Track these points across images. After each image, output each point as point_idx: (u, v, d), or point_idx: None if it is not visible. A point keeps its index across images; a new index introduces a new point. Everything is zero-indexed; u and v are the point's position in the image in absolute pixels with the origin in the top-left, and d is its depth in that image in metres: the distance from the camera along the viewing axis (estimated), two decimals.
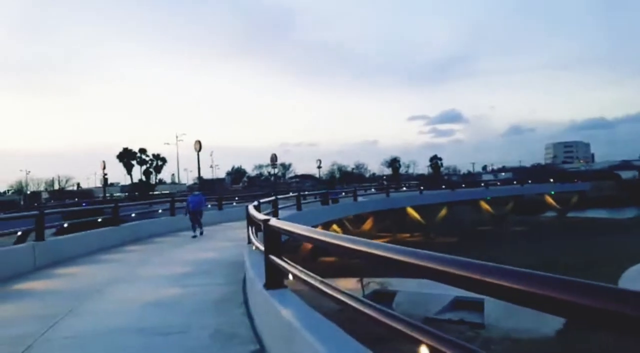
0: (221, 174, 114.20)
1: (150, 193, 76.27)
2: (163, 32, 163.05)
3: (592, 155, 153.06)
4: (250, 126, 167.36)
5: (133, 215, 18.02)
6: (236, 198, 27.05)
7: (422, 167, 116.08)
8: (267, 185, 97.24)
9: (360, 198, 30.48)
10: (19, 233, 12.22)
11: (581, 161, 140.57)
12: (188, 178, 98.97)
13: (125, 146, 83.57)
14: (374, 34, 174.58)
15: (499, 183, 50.78)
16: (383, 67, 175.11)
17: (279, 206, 16.86)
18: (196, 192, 18.05)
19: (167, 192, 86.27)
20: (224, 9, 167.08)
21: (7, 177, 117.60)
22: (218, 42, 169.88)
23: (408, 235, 36.65)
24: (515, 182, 53.77)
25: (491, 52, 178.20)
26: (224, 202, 25.67)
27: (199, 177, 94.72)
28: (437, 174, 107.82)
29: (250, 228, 8.89)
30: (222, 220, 22.38)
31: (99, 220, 14.99)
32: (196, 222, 16.45)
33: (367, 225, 32.75)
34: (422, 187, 40.36)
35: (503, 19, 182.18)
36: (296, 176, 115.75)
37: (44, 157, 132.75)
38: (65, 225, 13.12)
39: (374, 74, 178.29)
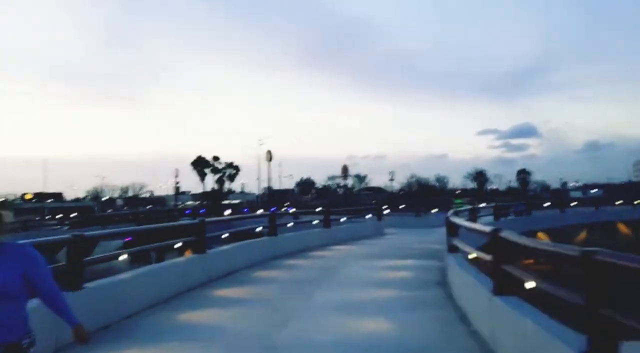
0: (290, 184, 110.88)
1: (222, 202, 73.54)
2: (236, 43, 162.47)
3: None
4: (319, 137, 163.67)
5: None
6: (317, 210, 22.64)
7: (505, 181, 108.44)
8: (338, 197, 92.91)
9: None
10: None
11: None
12: (259, 188, 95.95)
13: (198, 154, 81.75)
14: (445, 45, 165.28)
15: None
16: (453, 80, 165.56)
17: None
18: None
19: (238, 201, 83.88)
20: (293, 21, 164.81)
21: (85, 184, 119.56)
22: (289, 54, 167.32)
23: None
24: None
25: (568, 64, 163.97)
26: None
27: (269, 187, 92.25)
28: (525, 189, 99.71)
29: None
30: (330, 242, 17.63)
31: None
32: None
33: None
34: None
35: (580, 29, 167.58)
36: (367, 188, 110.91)
37: (119, 164, 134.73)
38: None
39: (444, 87, 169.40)
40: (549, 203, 36.61)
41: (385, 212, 27.25)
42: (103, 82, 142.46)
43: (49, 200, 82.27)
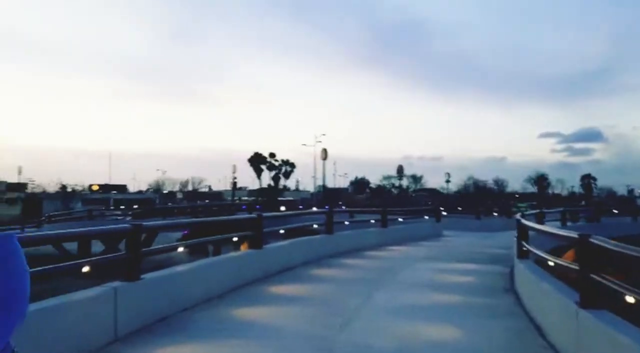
0: (344, 183, 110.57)
1: (278, 198, 74.31)
2: (294, 42, 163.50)
3: None
4: (374, 137, 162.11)
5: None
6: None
7: (568, 186, 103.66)
8: (392, 197, 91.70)
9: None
10: None
11: None
12: (314, 186, 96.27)
13: (255, 151, 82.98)
14: (505, 45, 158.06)
15: None
16: (514, 81, 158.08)
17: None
18: None
19: (291, 198, 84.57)
20: (351, 19, 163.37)
21: (147, 177, 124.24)
22: (345, 52, 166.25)
23: None
24: None
25: (636, 66, 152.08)
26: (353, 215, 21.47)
27: (324, 185, 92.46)
28: (590, 195, 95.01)
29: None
30: (387, 242, 17.14)
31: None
32: None
33: None
34: None
35: None
36: (422, 189, 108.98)
37: (179, 158, 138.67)
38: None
39: (504, 88, 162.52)
40: (617, 211, 34.60)
41: (443, 213, 26.47)
42: (165, 79, 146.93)
43: (113, 192, 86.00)
